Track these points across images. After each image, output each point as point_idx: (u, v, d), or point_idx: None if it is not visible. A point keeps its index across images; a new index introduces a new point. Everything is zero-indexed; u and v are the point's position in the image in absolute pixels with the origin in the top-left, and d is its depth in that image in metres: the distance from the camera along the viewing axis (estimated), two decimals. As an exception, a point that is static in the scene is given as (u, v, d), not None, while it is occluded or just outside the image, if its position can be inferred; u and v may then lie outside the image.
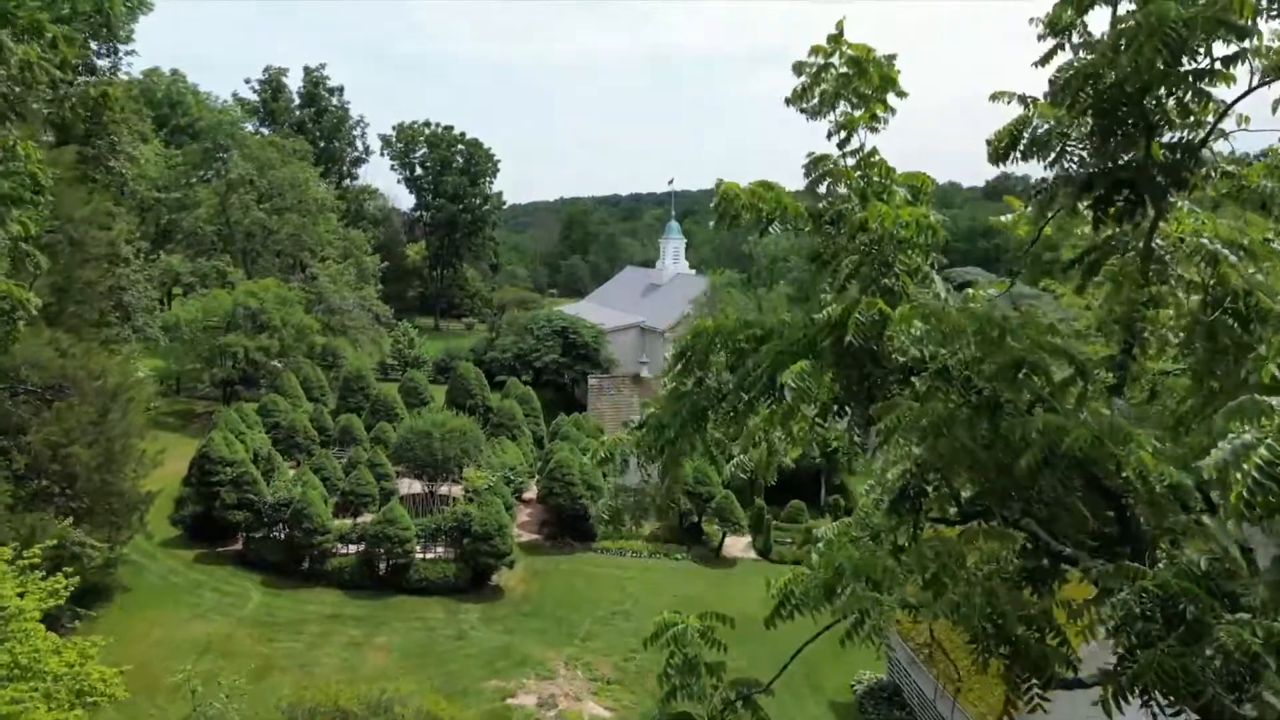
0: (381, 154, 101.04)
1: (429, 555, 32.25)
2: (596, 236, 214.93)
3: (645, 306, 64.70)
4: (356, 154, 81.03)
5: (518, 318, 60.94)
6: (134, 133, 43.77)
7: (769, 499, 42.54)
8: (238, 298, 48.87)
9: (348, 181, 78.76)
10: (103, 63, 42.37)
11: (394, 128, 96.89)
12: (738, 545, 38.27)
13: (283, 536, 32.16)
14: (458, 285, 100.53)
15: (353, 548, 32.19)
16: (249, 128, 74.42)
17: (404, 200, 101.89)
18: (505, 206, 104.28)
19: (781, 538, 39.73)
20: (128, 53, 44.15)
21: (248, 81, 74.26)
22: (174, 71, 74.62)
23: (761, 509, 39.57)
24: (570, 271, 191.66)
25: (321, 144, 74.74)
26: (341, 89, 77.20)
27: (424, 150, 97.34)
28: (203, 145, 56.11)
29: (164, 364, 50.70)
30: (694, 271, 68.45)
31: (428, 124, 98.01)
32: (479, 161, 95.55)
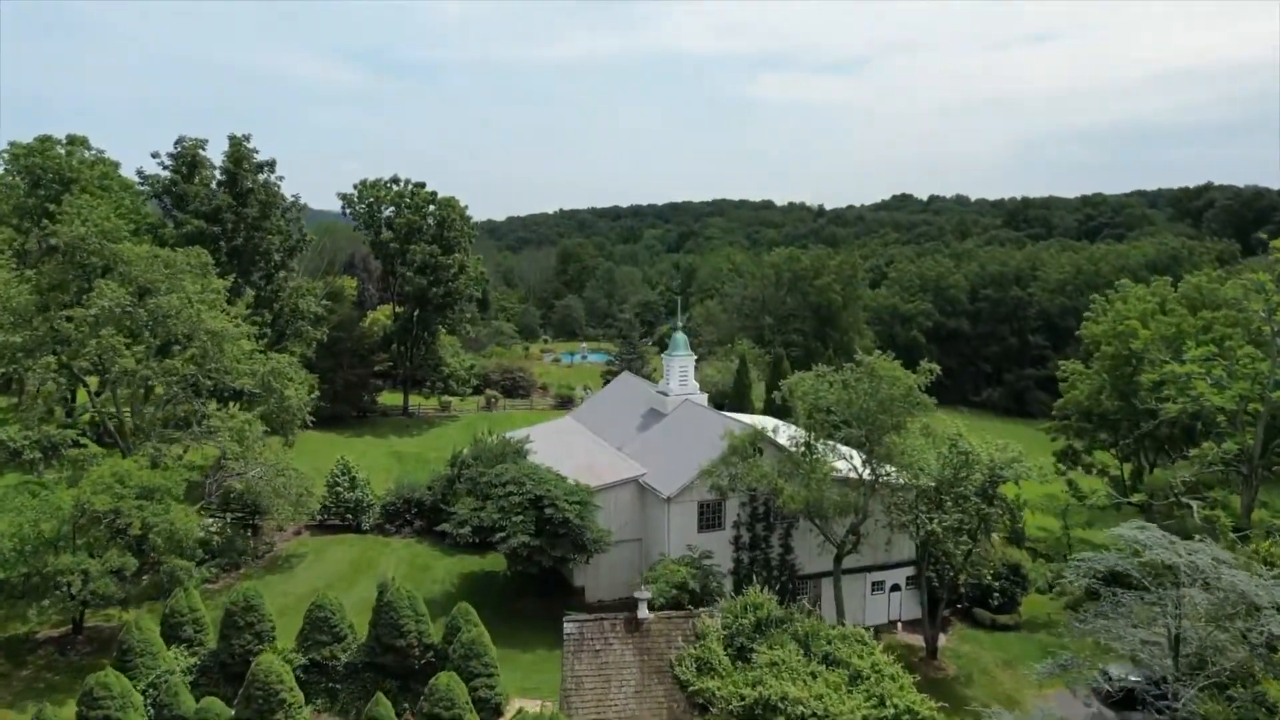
0: (344, 214, 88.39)
1: None
2: (593, 270, 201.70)
3: (644, 445, 51.30)
4: (292, 242, 67.11)
5: (481, 475, 47.22)
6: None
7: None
8: (82, 495, 35.44)
9: (282, 274, 64.85)
10: None
11: (356, 186, 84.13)
12: None
13: None
14: (430, 364, 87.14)
15: None
16: (155, 208, 60.89)
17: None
18: (495, 229, 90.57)
19: None
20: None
21: (155, 156, 60.62)
22: (70, 138, 61.19)
23: None
24: (565, 313, 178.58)
25: (243, 234, 60.90)
26: (273, 163, 63.30)
27: (391, 210, 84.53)
28: (62, 262, 42.69)
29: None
30: (704, 399, 54.85)
31: (395, 180, 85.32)
32: (452, 225, 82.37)
